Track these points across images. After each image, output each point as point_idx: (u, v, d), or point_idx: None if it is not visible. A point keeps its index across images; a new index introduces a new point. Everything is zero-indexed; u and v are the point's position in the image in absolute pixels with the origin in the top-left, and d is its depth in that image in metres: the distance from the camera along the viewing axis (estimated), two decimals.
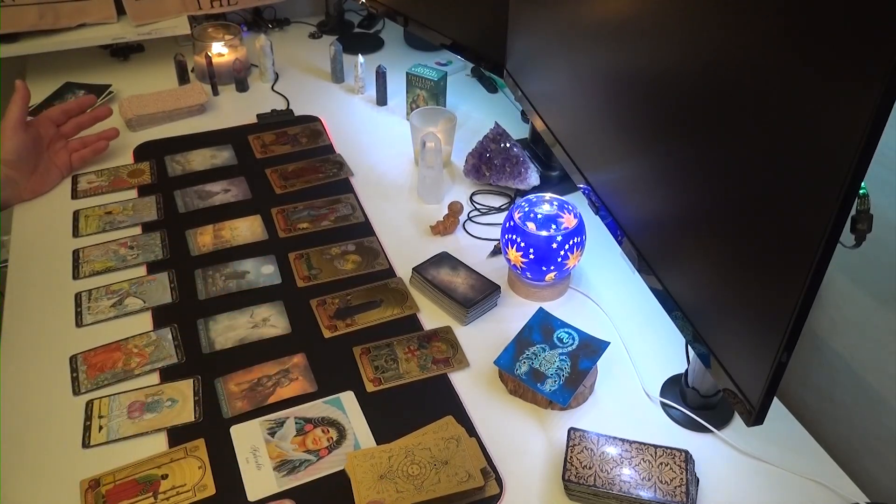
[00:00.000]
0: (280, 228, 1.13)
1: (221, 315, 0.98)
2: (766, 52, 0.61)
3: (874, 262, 0.81)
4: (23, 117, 1.12)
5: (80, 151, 1.22)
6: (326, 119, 1.41)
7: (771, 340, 0.65)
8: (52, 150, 1.19)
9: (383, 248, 1.11)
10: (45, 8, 1.41)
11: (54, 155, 1.20)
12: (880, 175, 0.76)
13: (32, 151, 1.14)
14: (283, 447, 0.82)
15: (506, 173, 1.20)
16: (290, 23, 1.77)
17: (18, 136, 1.11)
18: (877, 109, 0.50)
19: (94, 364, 0.90)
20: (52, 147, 1.20)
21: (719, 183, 0.71)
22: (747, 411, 0.71)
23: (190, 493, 0.77)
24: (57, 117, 1.20)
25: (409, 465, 0.77)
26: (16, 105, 1.12)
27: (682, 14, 0.73)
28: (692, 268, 0.78)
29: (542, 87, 1.13)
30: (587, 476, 0.77)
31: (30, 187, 1.15)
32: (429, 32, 1.44)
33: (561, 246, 0.97)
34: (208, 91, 1.45)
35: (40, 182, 1.17)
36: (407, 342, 0.95)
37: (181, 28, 1.51)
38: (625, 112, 0.88)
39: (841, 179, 0.54)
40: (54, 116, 1.20)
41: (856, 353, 0.87)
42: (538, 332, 0.93)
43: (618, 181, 0.93)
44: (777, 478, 0.82)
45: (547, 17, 1.06)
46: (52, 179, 1.19)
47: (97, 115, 1.25)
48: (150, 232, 1.11)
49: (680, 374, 0.91)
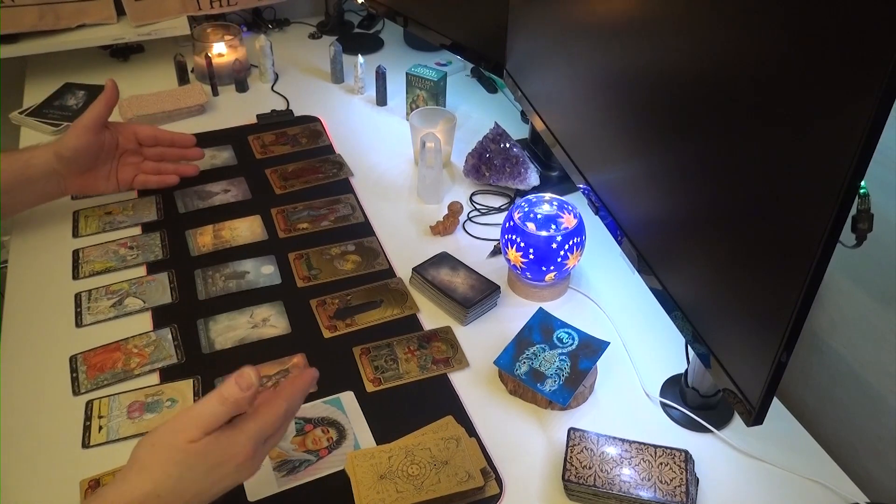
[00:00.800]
0: (280, 229, 1.13)
1: (221, 315, 0.98)
2: (766, 52, 0.61)
3: (874, 262, 0.81)
4: (100, 119, 1.06)
5: (148, 176, 1.16)
6: (326, 119, 1.41)
7: (771, 340, 0.65)
8: (122, 161, 1.13)
9: (383, 248, 1.11)
10: (45, 9, 1.41)
11: (122, 167, 1.13)
12: (880, 175, 0.76)
13: (93, 155, 1.08)
14: (283, 447, 0.82)
15: (506, 173, 1.20)
16: (289, 23, 1.77)
17: (86, 136, 1.05)
18: (877, 109, 0.50)
19: (94, 364, 0.90)
20: (123, 159, 1.13)
21: (719, 182, 0.71)
22: (747, 411, 0.71)
23: None
24: (145, 138, 1.15)
25: (409, 466, 0.77)
26: (98, 105, 1.06)
27: (682, 14, 0.73)
28: (692, 268, 0.78)
29: (542, 87, 1.13)
30: (587, 476, 0.77)
31: (77, 184, 1.09)
32: (429, 33, 1.44)
33: (561, 246, 0.97)
34: (208, 91, 1.45)
35: (90, 183, 1.11)
36: (407, 342, 0.95)
37: (181, 28, 1.51)
38: (624, 112, 0.88)
39: (841, 179, 0.54)
40: (143, 136, 1.14)
41: (856, 352, 0.87)
42: (538, 332, 0.93)
43: (617, 181, 0.93)
44: (777, 478, 0.82)
45: (547, 18, 1.06)
46: (105, 187, 1.12)
47: (186, 154, 1.20)
48: (150, 232, 1.11)
49: (680, 374, 0.91)
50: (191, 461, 0.61)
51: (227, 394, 0.62)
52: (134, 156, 1.15)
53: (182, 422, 0.62)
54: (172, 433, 0.62)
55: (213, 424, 0.62)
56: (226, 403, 0.62)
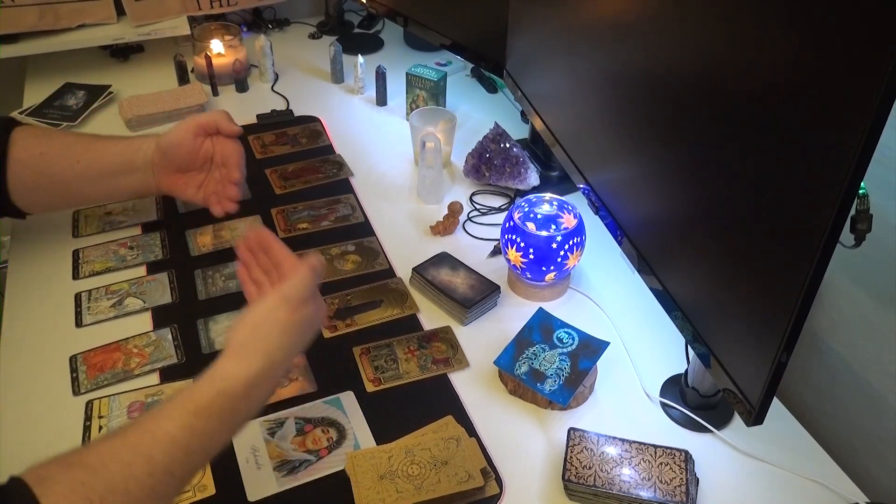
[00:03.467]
0: (280, 229, 1.13)
1: (221, 315, 0.98)
2: (766, 52, 0.61)
3: (874, 262, 0.81)
4: (205, 125, 1.02)
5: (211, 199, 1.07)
6: (326, 119, 1.41)
7: (771, 340, 0.65)
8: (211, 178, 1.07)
9: (383, 248, 1.11)
10: (45, 8, 1.41)
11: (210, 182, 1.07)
12: (880, 175, 0.76)
13: (188, 156, 1.03)
14: (283, 447, 0.82)
15: (506, 173, 1.20)
16: (289, 23, 1.76)
17: (185, 135, 1.02)
18: (877, 109, 0.50)
19: (94, 364, 0.90)
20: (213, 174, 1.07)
21: (719, 183, 0.71)
22: (747, 411, 0.71)
23: (190, 493, 0.76)
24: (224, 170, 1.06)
25: (409, 466, 0.77)
26: (217, 115, 1.03)
27: (681, 14, 0.73)
28: (692, 268, 0.78)
29: (542, 87, 1.13)
30: (587, 476, 0.77)
31: (169, 182, 1.04)
32: (429, 33, 1.44)
33: (561, 246, 0.97)
34: (208, 91, 1.45)
35: (181, 186, 1.05)
36: (407, 342, 0.95)
37: (181, 28, 1.51)
38: (625, 112, 0.88)
39: (841, 179, 0.54)
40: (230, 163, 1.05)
41: (856, 352, 0.87)
42: (538, 332, 0.93)
43: (617, 181, 0.93)
44: (777, 478, 0.82)
45: (547, 18, 1.06)
46: (194, 195, 1.06)
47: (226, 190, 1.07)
48: (150, 232, 1.11)
49: (680, 374, 0.91)
50: (298, 328, 0.71)
51: (317, 263, 0.73)
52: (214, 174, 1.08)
53: (274, 298, 0.70)
54: (270, 311, 0.70)
55: (309, 293, 0.72)
56: (315, 272, 0.72)
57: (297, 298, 0.70)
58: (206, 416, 0.63)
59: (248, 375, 0.66)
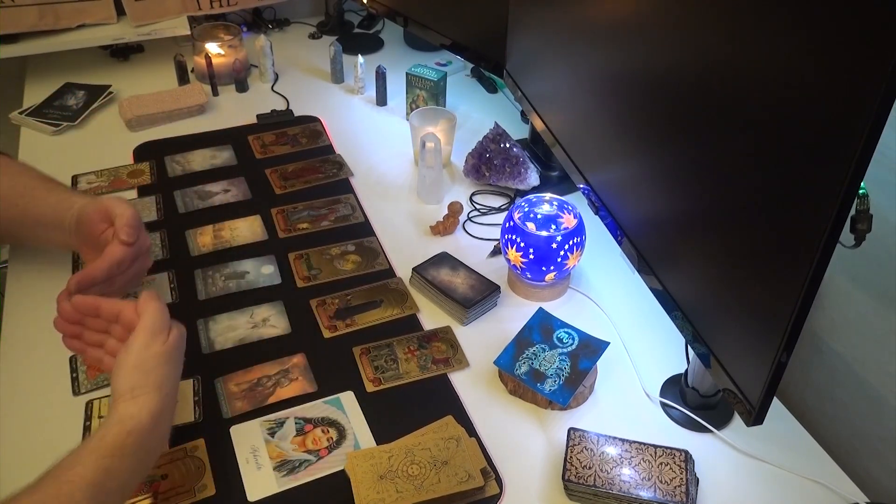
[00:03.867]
0: (280, 229, 1.13)
1: (221, 315, 0.98)
2: (766, 52, 0.61)
3: (874, 262, 0.81)
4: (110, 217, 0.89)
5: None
6: (326, 119, 1.41)
7: (771, 340, 0.65)
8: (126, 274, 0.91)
9: (383, 248, 1.11)
10: (45, 9, 1.41)
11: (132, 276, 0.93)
12: (880, 175, 0.76)
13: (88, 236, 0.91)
14: (283, 447, 0.82)
15: (506, 173, 1.20)
16: (289, 23, 1.77)
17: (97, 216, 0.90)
18: (877, 109, 0.50)
19: (95, 364, 0.90)
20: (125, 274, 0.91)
21: (719, 182, 0.71)
22: (747, 411, 0.71)
23: (190, 494, 0.77)
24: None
25: (409, 466, 0.77)
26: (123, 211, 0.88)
27: (681, 14, 0.73)
28: (692, 268, 0.78)
29: (542, 87, 1.13)
30: (587, 476, 0.77)
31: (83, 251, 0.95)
32: (429, 33, 1.44)
33: (561, 246, 0.97)
34: (208, 91, 1.45)
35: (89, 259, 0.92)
36: (407, 342, 0.95)
37: (181, 28, 1.51)
38: (624, 112, 0.88)
39: (841, 179, 0.54)
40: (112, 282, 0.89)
41: (856, 352, 0.87)
42: (538, 332, 0.93)
43: (617, 181, 0.93)
44: (777, 478, 0.82)
45: (547, 18, 1.06)
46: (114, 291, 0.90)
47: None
48: (150, 232, 1.10)
49: (680, 374, 0.91)
50: (174, 355, 0.74)
51: (155, 295, 0.75)
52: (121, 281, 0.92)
53: (143, 337, 0.72)
54: (144, 348, 0.71)
55: (167, 320, 0.74)
56: (158, 298, 0.75)
57: (161, 328, 0.73)
58: (121, 455, 0.66)
59: (151, 411, 0.68)
